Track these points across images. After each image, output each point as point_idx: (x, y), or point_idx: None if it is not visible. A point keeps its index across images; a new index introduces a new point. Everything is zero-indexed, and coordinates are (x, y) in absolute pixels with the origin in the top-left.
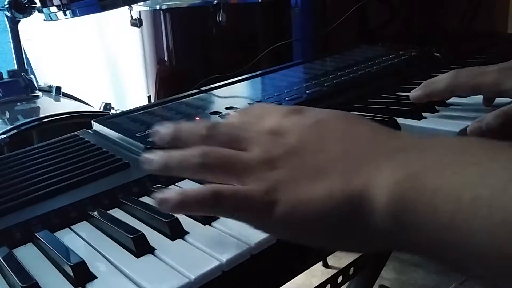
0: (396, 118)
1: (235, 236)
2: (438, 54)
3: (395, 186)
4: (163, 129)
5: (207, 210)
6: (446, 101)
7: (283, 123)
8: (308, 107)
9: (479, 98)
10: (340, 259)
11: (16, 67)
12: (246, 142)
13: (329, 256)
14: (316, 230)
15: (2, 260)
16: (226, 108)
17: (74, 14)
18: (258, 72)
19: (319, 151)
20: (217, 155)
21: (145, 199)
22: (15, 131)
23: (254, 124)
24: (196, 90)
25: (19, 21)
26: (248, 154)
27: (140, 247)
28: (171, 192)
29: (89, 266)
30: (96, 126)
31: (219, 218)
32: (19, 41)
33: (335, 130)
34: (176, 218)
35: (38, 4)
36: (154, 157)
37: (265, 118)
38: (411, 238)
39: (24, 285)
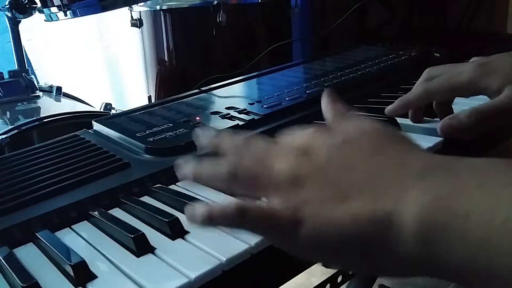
0: (396, 118)
1: (235, 236)
2: (438, 54)
3: (424, 210)
4: (203, 137)
5: (233, 225)
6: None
7: (310, 142)
8: (336, 123)
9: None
10: None
11: (16, 67)
12: (275, 158)
13: None
14: (341, 252)
15: (2, 260)
16: (226, 108)
17: (74, 15)
18: (258, 72)
19: (347, 172)
20: (246, 168)
21: (146, 199)
22: (16, 131)
23: (283, 140)
24: (196, 90)
25: (19, 21)
26: (276, 171)
27: (141, 247)
28: (199, 206)
29: (89, 266)
30: (96, 126)
31: None
32: (20, 41)
33: (363, 150)
34: (176, 217)
35: (39, 5)
36: (186, 166)
37: (292, 138)
38: (440, 263)
39: (25, 285)
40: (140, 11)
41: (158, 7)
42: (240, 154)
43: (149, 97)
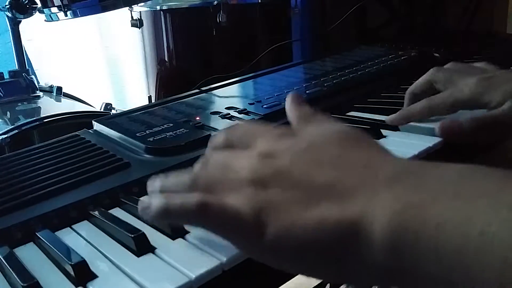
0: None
1: None
2: (437, 54)
3: (394, 218)
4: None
5: (190, 222)
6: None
7: (275, 146)
8: (301, 127)
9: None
10: None
11: (17, 68)
12: (237, 162)
13: None
14: (306, 259)
15: (3, 260)
16: (226, 108)
17: (75, 15)
18: (258, 72)
19: (311, 174)
20: (207, 174)
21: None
22: (16, 131)
23: (245, 145)
24: (196, 90)
25: (20, 21)
26: (239, 173)
27: (141, 246)
28: (156, 198)
29: (90, 265)
30: (96, 126)
31: None
32: (20, 41)
33: (330, 154)
34: None
35: (39, 5)
36: (156, 179)
37: (257, 140)
38: (410, 273)
39: (25, 285)
40: (140, 11)
41: (158, 7)
42: (203, 163)
43: (149, 97)
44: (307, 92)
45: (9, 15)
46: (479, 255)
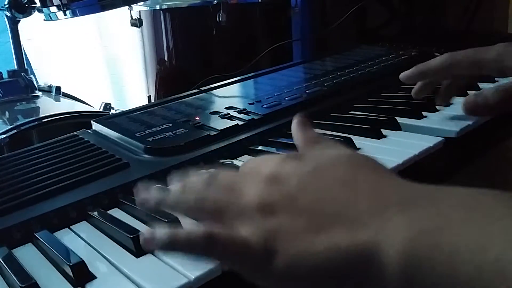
0: (396, 118)
1: None
2: (438, 54)
3: (408, 243)
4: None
5: (198, 253)
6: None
7: (280, 169)
8: (307, 151)
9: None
10: None
11: (16, 67)
12: (244, 187)
13: None
14: (316, 286)
15: (1, 260)
16: (226, 108)
17: (74, 14)
18: (258, 72)
19: (320, 200)
20: (213, 200)
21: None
22: (15, 131)
23: (251, 172)
24: (196, 90)
25: (19, 21)
26: (245, 199)
27: (140, 247)
28: (160, 229)
29: (88, 266)
30: (96, 126)
31: None
32: (19, 41)
33: (337, 177)
34: (176, 218)
35: (38, 4)
36: (148, 192)
37: (261, 166)
38: None
39: (24, 285)
40: (139, 11)
41: (157, 7)
42: (207, 186)
43: (149, 97)
44: (307, 92)
45: (8, 14)
46: (494, 282)
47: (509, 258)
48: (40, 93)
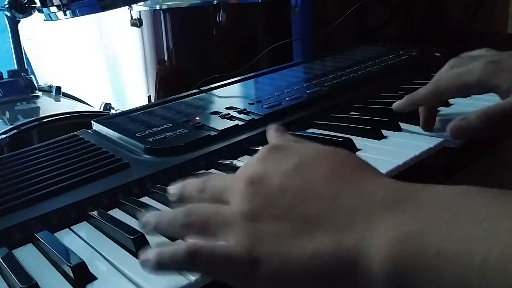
0: (396, 118)
1: None
2: (438, 54)
3: (393, 248)
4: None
5: (184, 269)
6: (448, 101)
7: (262, 167)
8: (288, 144)
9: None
10: None
11: (16, 67)
12: (227, 194)
13: None
14: None
15: (1, 261)
16: (226, 108)
17: (74, 14)
18: (258, 72)
19: (302, 202)
20: (200, 212)
21: (145, 200)
22: (15, 131)
23: (237, 176)
24: (196, 90)
25: (19, 21)
26: (229, 208)
27: (140, 248)
28: (151, 251)
29: (89, 267)
30: (96, 126)
31: None
32: (19, 41)
33: (320, 176)
34: None
35: (38, 4)
36: (149, 216)
37: (247, 168)
38: None
39: (24, 286)
40: (139, 11)
41: (157, 7)
42: (196, 199)
43: (149, 97)
44: (307, 92)
45: (8, 14)
46: (482, 282)
47: (494, 258)
48: (40, 93)
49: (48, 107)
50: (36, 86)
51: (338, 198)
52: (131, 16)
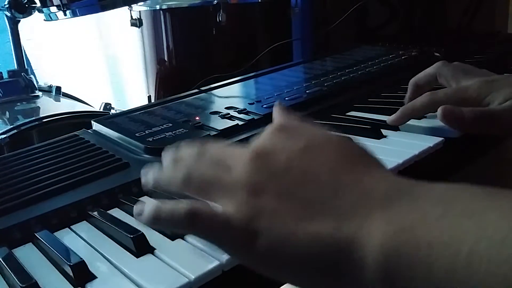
0: None
1: None
2: (438, 54)
3: (387, 240)
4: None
5: (181, 229)
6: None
7: (270, 141)
8: (297, 125)
9: None
10: None
11: (16, 67)
12: (229, 162)
13: None
14: (297, 272)
15: (1, 260)
16: (226, 108)
17: (74, 14)
18: (258, 72)
19: (307, 185)
20: (200, 173)
21: (145, 199)
22: (15, 131)
23: (241, 147)
24: (196, 90)
25: (19, 21)
26: (232, 175)
27: (140, 247)
28: (148, 204)
29: (89, 266)
30: (96, 126)
31: None
32: (19, 41)
33: (326, 162)
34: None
35: (38, 4)
36: (149, 172)
37: (252, 142)
38: None
39: (24, 285)
40: (139, 11)
41: (157, 7)
42: (197, 158)
43: (149, 97)
44: (307, 92)
45: (8, 14)
46: (469, 274)
47: (481, 250)
48: (40, 93)
49: (48, 107)
50: (36, 86)
51: (340, 188)
52: (131, 16)
